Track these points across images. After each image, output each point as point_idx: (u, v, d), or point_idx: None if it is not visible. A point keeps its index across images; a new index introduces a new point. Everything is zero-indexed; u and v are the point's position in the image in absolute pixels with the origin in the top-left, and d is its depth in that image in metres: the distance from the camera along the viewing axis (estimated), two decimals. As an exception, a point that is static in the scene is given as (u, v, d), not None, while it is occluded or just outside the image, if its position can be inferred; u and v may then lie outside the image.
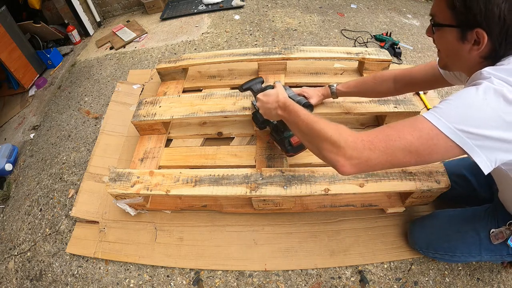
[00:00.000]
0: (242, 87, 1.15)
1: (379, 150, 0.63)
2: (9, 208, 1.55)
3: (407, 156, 0.62)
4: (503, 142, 0.57)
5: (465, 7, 0.61)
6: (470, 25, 0.62)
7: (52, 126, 1.92)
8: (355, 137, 0.65)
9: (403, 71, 1.06)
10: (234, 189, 1.07)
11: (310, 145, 0.76)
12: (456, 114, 0.59)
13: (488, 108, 0.57)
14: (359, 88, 1.17)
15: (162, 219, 1.30)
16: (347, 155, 0.64)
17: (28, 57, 2.32)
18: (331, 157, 0.67)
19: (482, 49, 0.63)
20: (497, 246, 0.87)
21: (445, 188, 1.03)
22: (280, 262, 1.15)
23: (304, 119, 0.77)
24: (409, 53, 2.09)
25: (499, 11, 0.58)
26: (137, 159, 1.34)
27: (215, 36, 2.37)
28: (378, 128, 0.67)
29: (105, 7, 2.91)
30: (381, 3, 2.69)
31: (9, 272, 1.29)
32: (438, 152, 0.60)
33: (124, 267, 1.22)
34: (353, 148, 0.64)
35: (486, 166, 0.59)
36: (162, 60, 1.70)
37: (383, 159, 0.63)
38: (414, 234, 1.10)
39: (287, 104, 0.87)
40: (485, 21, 0.60)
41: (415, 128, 0.61)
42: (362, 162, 0.64)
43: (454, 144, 0.58)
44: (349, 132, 0.67)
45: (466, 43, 0.65)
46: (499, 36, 0.61)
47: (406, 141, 0.61)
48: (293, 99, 1.01)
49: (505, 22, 0.59)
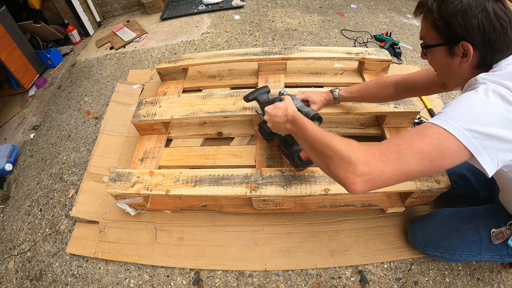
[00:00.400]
0: (248, 97, 1.13)
1: (392, 161, 0.60)
2: (9, 208, 1.55)
3: (420, 164, 0.60)
4: (506, 142, 0.58)
5: (446, 25, 0.66)
6: (454, 40, 0.67)
7: (52, 126, 1.92)
8: (366, 152, 0.62)
9: (403, 77, 1.07)
10: (234, 189, 1.07)
11: (319, 161, 0.73)
12: (461, 115, 0.60)
13: (490, 107, 0.59)
14: (362, 93, 1.17)
15: (162, 219, 1.30)
16: (359, 171, 0.60)
17: (28, 57, 2.32)
18: (341, 174, 0.63)
19: (471, 60, 0.67)
20: (497, 246, 0.87)
21: (445, 188, 1.03)
22: (280, 262, 1.15)
23: (313, 133, 0.75)
24: (409, 53, 2.09)
25: (477, 21, 0.62)
26: (137, 159, 1.34)
27: (215, 36, 2.37)
28: (387, 140, 0.65)
29: (105, 7, 2.91)
30: (381, 3, 2.69)
31: (9, 272, 1.29)
32: (449, 155, 0.60)
33: (124, 267, 1.22)
34: (364, 163, 0.60)
35: (490, 167, 0.60)
36: (162, 60, 1.70)
37: (397, 170, 0.60)
38: (414, 232, 1.11)
39: (295, 118, 0.85)
40: (467, 33, 0.64)
41: (424, 134, 0.61)
42: (375, 177, 0.60)
43: (462, 146, 0.58)
44: (359, 146, 0.64)
45: (455, 58, 0.69)
46: (483, 44, 0.65)
47: (417, 147, 0.60)
48: (301, 110, 0.97)
49: (485, 30, 0.63)
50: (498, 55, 0.66)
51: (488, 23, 0.62)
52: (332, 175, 0.67)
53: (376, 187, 0.62)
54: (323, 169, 0.73)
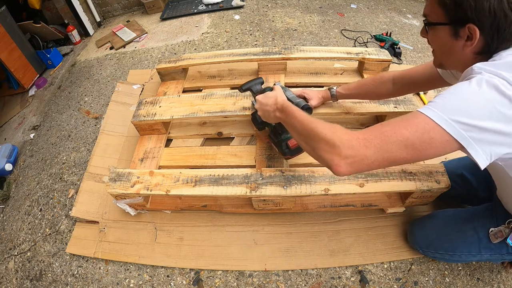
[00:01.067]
0: (242, 87, 1.15)
1: (374, 146, 0.62)
2: (9, 208, 1.55)
3: (403, 152, 0.61)
4: (498, 134, 0.57)
5: (455, 4, 0.62)
6: (461, 21, 0.63)
7: (52, 126, 1.92)
8: (350, 135, 0.64)
9: (401, 72, 1.06)
10: (234, 189, 1.07)
11: (306, 146, 0.76)
12: (451, 106, 0.59)
13: (482, 99, 0.57)
14: (359, 90, 1.17)
15: (162, 219, 1.30)
16: (342, 154, 0.63)
17: (28, 57, 2.32)
18: (326, 157, 0.66)
19: (475, 45, 0.64)
20: (496, 245, 0.87)
21: (445, 188, 1.03)
22: (280, 262, 1.15)
23: (300, 119, 0.77)
24: (409, 53, 2.09)
25: (489, 5, 0.59)
26: (137, 159, 1.34)
27: (215, 36, 2.37)
28: (373, 126, 0.66)
29: (105, 7, 2.91)
30: (381, 3, 2.69)
31: (9, 272, 1.29)
32: (434, 146, 0.60)
33: (124, 267, 1.22)
34: (348, 146, 0.63)
35: (482, 160, 0.59)
36: (162, 60, 1.70)
37: (379, 156, 0.62)
38: (414, 234, 1.10)
39: (284, 106, 0.87)
40: (476, 16, 0.61)
41: (410, 122, 0.61)
42: (357, 160, 0.63)
43: (450, 137, 0.58)
44: (344, 131, 0.66)
45: (459, 40, 0.66)
46: (491, 30, 0.62)
47: (401, 135, 0.60)
48: (292, 101, 1.00)
49: (495, 16, 0.59)
50: (504, 44, 0.64)
51: (500, 9, 0.59)
52: (318, 158, 0.70)
53: (359, 170, 0.64)
54: (309, 153, 0.75)
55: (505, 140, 0.58)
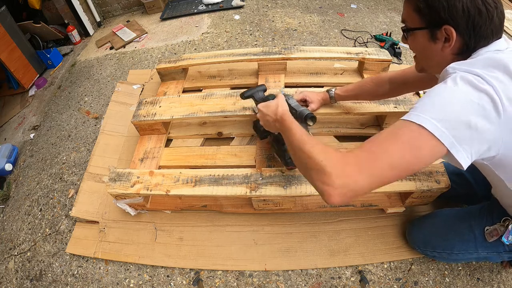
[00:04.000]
0: (244, 94, 1.13)
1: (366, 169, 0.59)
2: (9, 208, 1.55)
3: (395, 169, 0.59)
4: (477, 131, 0.57)
5: (428, 7, 0.64)
6: (437, 23, 0.64)
7: (52, 126, 1.92)
8: (342, 162, 0.61)
9: (397, 73, 1.07)
10: (234, 189, 1.07)
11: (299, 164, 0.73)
12: (432, 107, 0.59)
13: (460, 94, 0.58)
14: (357, 91, 1.17)
15: (162, 219, 1.30)
16: (336, 185, 0.59)
17: (28, 57, 2.32)
18: (319, 187, 0.63)
19: (453, 46, 0.65)
20: (492, 243, 0.87)
21: (445, 188, 1.03)
22: (280, 262, 1.15)
23: (295, 139, 0.74)
24: (409, 53, 2.09)
25: (462, 4, 0.60)
26: (137, 159, 1.34)
27: (215, 36, 2.37)
28: (361, 146, 0.63)
29: (105, 7, 2.91)
30: (381, 3, 2.69)
31: (9, 272, 1.29)
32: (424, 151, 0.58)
33: (124, 267, 1.22)
34: (340, 176, 0.60)
35: (463, 159, 0.59)
36: (162, 60, 1.70)
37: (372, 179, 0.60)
38: (412, 233, 1.11)
39: (284, 118, 0.84)
40: (450, 17, 0.62)
41: (396, 136, 0.60)
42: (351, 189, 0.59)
43: (436, 139, 0.57)
44: (335, 157, 0.62)
45: (437, 42, 0.67)
46: (467, 29, 0.62)
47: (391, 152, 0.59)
48: (296, 109, 0.97)
49: (469, 14, 0.60)
50: (482, 42, 0.64)
51: (473, 7, 0.59)
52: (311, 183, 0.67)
53: (353, 198, 0.61)
54: (302, 173, 0.72)
55: (483, 137, 0.58)
